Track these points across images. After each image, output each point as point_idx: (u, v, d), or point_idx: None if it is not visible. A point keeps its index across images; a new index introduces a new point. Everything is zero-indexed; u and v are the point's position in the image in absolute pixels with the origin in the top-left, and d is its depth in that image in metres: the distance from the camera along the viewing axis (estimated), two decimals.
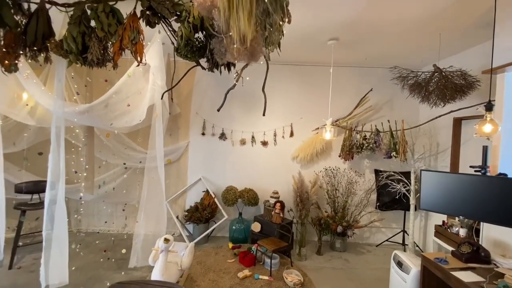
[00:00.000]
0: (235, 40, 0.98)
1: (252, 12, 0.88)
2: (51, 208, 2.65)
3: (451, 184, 2.14)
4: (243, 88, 3.39)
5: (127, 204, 3.95)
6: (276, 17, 1.04)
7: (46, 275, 2.54)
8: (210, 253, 3.59)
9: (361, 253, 3.84)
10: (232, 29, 0.92)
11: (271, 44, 1.27)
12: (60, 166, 2.70)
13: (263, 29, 1.18)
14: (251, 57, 1.65)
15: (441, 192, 2.18)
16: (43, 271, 2.52)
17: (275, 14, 1.02)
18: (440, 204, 2.18)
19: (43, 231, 2.59)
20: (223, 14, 0.90)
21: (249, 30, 0.91)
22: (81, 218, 4.07)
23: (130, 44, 2.18)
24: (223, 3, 0.88)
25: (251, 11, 0.88)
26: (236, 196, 3.84)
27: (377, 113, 4.13)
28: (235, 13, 0.87)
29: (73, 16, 2.20)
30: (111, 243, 3.71)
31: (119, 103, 3.06)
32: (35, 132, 3.55)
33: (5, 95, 3.03)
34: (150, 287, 1.53)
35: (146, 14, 2.20)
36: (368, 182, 4.08)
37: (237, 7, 0.86)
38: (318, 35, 2.98)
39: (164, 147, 3.70)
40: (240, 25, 0.88)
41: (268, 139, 4.16)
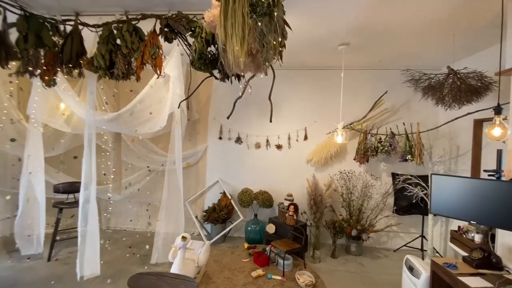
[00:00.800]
0: (231, 62, 1.12)
1: (244, 38, 1.01)
2: (85, 207, 2.95)
3: (463, 188, 2.11)
4: (257, 93, 3.53)
5: (150, 204, 4.24)
6: (270, 38, 1.16)
7: (81, 267, 2.84)
8: (226, 252, 3.75)
9: (377, 258, 3.79)
10: (228, 52, 1.06)
11: (267, 61, 1.39)
12: (92, 169, 3.00)
13: (262, 47, 1.31)
14: (256, 69, 1.79)
15: (452, 197, 2.15)
16: (78, 263, 2.82)
17: (269, 35, 1.15)
18: (451, 208, 2.15)
19: (78, 227, 2.88)
20: (220, 39, 1.04)
21: (241, 53, 1.04)
22: (110, 216, 4.43)
23: (151, 59, 2.42)
24: (220, 31, 1.02)
25: (244, 37, 1.01)
26: (251, 198, 3.98)
27: (393, 115, 4.07)
28: (230, 38, 1.01)
29: (102, 36, 2.47)
30: (136, 240, 4.01)
31: (143, 111, 3.33)
32: (70, 138, 3.95)
33: (46, 106, 3.42)
34: (166, 278, 1.71)
35: (164, 31, 2.41)
36: (385, 186, 4.02)
37: (231, 34, 1.00)
38: (328, 41, 3.05)
39: (184, 151, 3.95)
40: (234, 49, 1.02)
41: (282, 142, 4.25)
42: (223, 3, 1.02)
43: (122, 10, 2.50)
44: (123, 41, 2.43)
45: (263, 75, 1.58)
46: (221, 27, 1.02)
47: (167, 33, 2.41)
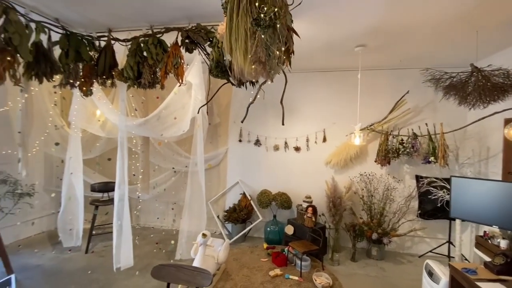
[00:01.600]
0: (236, 72, 1.24)
1: (247, 50, 1.12)
2: (119, 204, 3.24)
3: (484, 191, 2.03)
4: (275, 97, 3.60)
5: (175, 203, 4.50)
6: (273, 48, 1.26)
7: (116, 259, 3.13)
8: (246, 252, 3.87)
9: (400, 263, 3.68)
10: (233, 63, 1.18)
11: (272, 69, 1.49)
12: (124, 170, 3.29)
13: (267, 56, 1.42)
14: (267, 75, 1.90)
15: (473, 200, 2.08)
16: (114, 256, 3.11)
17: (272, 46, 1.25)
18: (472, 212, 2.08)
19: (114, 223, 3.17)
20: (227, 52, 1.16)
21: (245, 65, 1.15)
22: (139, 214, 4.77)
23: (173, 69, 2.62)
24: (226, 44, 1.14)
25: (246, 49, 1.12)
26: (270, 199, 4.07)
27: (417, 115, 3.93)
28: (234, 52, 1.12)
29: (131, 49, 2.73)
30: (163, 237, 4.28)
31: (168, 116, 3.57)
32: (105, 142, 4.34)
33: (84, 113, 3.81)
34: (184, 270, 1.86)
35: (185, 42, 2.61)
36: (408, 189, 3.90)
37: (235, 48, 1.11)
38: (344, 43, 3.06)
39: (206, 153, 4.16)
40: (238, 61, 1.13)
41: (301, 144, 4.30)
42: (228, 19, 1.15)
43: (148, 24, 2.75)
44: (149, 53, 2.67)
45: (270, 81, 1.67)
46: (226, 41, 1.14)
47: (188, 44, 2.60)
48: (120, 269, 3.12)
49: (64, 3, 2.38)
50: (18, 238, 4.03)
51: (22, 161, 3.75)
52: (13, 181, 3.76)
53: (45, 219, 4.39)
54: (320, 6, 2.24)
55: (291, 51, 1.82)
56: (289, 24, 1.77)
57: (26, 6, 2.37)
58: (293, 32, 1.79)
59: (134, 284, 3.01)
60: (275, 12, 1.15)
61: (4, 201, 3.67)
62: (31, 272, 3.20)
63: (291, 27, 1.79)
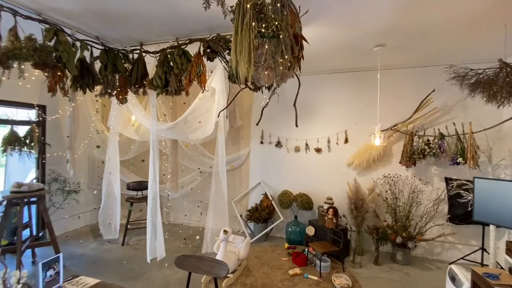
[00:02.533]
0: (241, 80, 1.37)
1: (250, 61, 1.25)
2: (152, 202, 3.56)
3: (510, 193, 1.93)
4: (297, 99, 3.71)
5: (201, 202, 4.76)
6: (277, 57, 1.38)
7: (151, 251, 3.44)
8: (267, 250, 3.98)
9: (427, 269, 3.52)
10: (239, 73, 1.31)
11: (278, 76, 1.60)
12: (156, 170, 3.61)
13: (274, 63, 1.54)
14: (280, 80, 2.02)
15: (498, 202, 1.98)
16: (148, 248, 3.42)
17: (276, 55, 1.36)
18: (497, 215, 1.98)
19: (148, 218, 3.49)
20: (234, 63, 1.30)
21: (248, 74, 1.28)
22: (169, 211, 5.12)
23: (196, 77, 2.84)
24: (232, 56, 1.28)
25: (250, 61, 1.25)
26: (291, 200, 4.14)
27: (446, 114, 3.74)
28: (239, 63, 1.26)
29: (159, 60, 3.01)
30: (190, 233, 4.55)
31: (194, 120, 3.83)
32: (139, 144, 4.75)
33: (121, 119, 4.22)
34: (204, 261, 2.03)
35: (207, 52, 2.82)
36: (436, 191, 3.72)
37: (239, 59, 1.25)
38: (362, 43, 3.06)
39: (228, 155, 4.37)
40: (242, 71, 1.26)
41: (322, 146, 4.31)
42: (234, 34, 1.29)
43: (174, 37, 3.01)
44: (174, 63, 2.93)
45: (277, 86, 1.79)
46: (232, 53, 1.28)
47: (209, 54, 2.81)
48: (156, 260, 3.42)
49: (103, 23, 2.72)
50: (67, 230, 4.56)
51: (70, 162, 4.26)
52: (63, 179, 4.29)
53: (88, 213, 4.92)
54: (335, 9, 2.28)
55: (300, 56, 1.92)
56: (298, 32, 1.88)
57: (72, 27, 2.76)
58: (302, 38, 1.89)
59: (163, 274, 3.28)
60: (276, 25, 1.27)
61: (55, 197, 4.21)
62: (76, 259, 3.63)
63: (300, 34, 1.90)
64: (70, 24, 2.72)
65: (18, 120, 4.00)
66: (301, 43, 1.93)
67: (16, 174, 4.11)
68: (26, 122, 4.03)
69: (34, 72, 2.77)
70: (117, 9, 2.41)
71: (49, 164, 4.22)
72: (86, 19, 2.63)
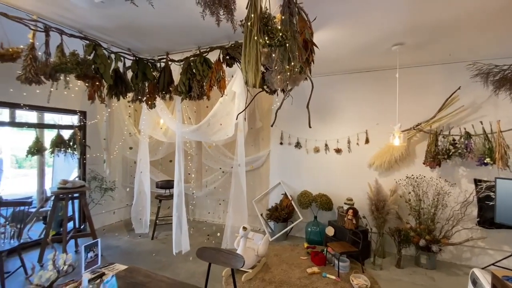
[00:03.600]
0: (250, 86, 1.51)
1: (258, 70, 1.38)
2: (177, 199, 3.83)
3: None
4: (316, 99, 3.78)
5: (224, 200, 4.98)
6: (285, 64, 1.50)
7: (177, 245, 3.71)
8: (286, 249, 4.07)
9: (454, 274, 3.38)
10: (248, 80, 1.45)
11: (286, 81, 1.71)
12: (181, 170, 3.87)
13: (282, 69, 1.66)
14: (293, 83, 2.14)
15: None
16: (174, 242, 3.69)
17: (284, 62, 1.48)
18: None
19: (173, 214, 3.77)
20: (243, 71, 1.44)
21: (256, 81, 1.40)
22: (194, 209, 5.40)
23: (216, 82, 3.04)
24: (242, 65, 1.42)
25: (257, 70, 1.37)
26: (310, 200, 4.18)
27: (474, 112, 3.56)
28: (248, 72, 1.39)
29: (183, 68, 3.25)
30: (213, 230, 4.78)
31: (215, 123, 4.05)
32: (166, 146, 5.08)
33: (150, 122, 4.57)
34: (222, 253, 2.19)
35: (226, 59, 3.00)
36: (464, 194, 3.55)
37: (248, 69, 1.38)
38: (379, 43, 3.04)
39: (248, 156, 4.53)
40: (250, 79, 1.39)
41: (342, 146, 4.30)
42: (243, 46, 1.42)
43: (196, 46, 3.24)
44: (197, 70, 3.15)
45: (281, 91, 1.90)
46: (242, 63, 1.42)
47: (228, 60, 3.00)
48: (181, 253, 3.68)
49: (134, 36, 3.02)
50: (103, 224, 5.02)
51: (107, 162, 4.69)
52: (100, 178, 4.75)
53: (122, 209, 5.36)
54: (349, 12, 2.32)
55: (311, 60, 2.02)
56: (308, 37, 1.98)
57: (107, 42, 3.09)
58: (312, 44, 1.98)
59: (188, 267, 3.51)
60: (281, 35, 1.38)
61: (94, 194, 4.67)
62: (112, 251, 4.00)
63: (310, 40, 1.99)
64: (106, 39, 3.05)
65: (63, 125, 4.51)
66: (312, 48, 2.02)
67: (61, 173, 4.64)
68: (70, 127, 4.53)
69: (77, 82, 3.16)
70: (145, 24, 2.67)
71: (89, 164, 4.69)
72: (119, 34, 2.94)
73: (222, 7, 1.30)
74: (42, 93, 3.42)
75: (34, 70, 2.40)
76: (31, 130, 4.22)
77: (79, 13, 2.46)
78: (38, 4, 2.32)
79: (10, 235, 3.27)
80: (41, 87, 2.62)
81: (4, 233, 3.25)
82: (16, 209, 3.51)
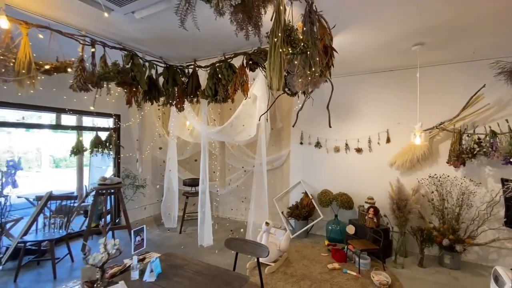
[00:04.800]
0: (274, 90, 1.68)
1: (281, 76, 1.55)
2: (202, 196, 4.09)
3: None
4: (336, 99, 3.91)
5: (246, 198, 5.19)
6: (306, 70, 1.66)
7: (201, 238, 3.97)
8: (307, 246, 4.19)
9: (479, 275, 3.33)
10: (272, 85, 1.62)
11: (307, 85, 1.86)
12: (206, 168, 4.13)
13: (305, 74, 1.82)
14: (313, 86, 2.29)
15: None
16: (199, 236, 3.95)
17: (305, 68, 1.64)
18: None
19: (199, 210, 4.03)
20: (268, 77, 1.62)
21: (279, 86, 1.57)
22: (218, 206, 5.66)
23: (240, 86, 3.25)
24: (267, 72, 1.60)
25: (281, 75, 1.54)
26: (330, 199, 4.28)
27: (502, 110, 3.48)
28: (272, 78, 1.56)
29: (209, 73, 3.50)
30: (236, 226, 5.01)
31: (238, 124, 4.26)
32: (193, 146, 5.39)
33: (178, 124, 4.88)
34: (248, 243, 2.39)
35: (249, 64, 3.20)
36: (491, 193, 3.49)
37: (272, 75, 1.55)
38: (399, 44, 3.10)
39: (269, 155, 4.70)
40: (274, 84, 1.57)
41: (362, 146, 4.35)
42: (268, 55, 1.60)
43: (221, 52, 3.47)
44: (222, 75, 3.38)
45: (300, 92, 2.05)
46: (267, 70, 1.60)
47: (251, 65, 3.19)
48: (203, 246, 3.93)
49: (166, 46, 3.31)
50: (136, 218, 5.41)
51: (139, 161, 5.08)
52: (133, 176, 5.13)
53: (152, 205, 5.75)
54: (367, 15, 2.42)
55: (331, 64, 2.17)
56: (328, 43, 2.12)
57: (142, 51, 3.41)
58: (332, 49, 2.13)
59: (213, 259, 3.75)
60: (303, 45, 1.55)
61: (127, 191, 5.06)
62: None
63: (330, 45, 2.14)
64: (141, 48, 3.37)
65: (100, 127, 4.95)
66: (331, 52, 2.17)
67: (98, 171, 5.10)
68: (106, 129, 4.96)
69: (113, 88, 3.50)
70: (176, 35, 2.94)
71: (123, 163, 5.10)
72: (153, 44, 3.25)
73: (251, 24, 1.48)
74: (82, 99, 3.81)
75: (83, 79, 2.74)
76: (67, 133, 4.69)
77: (121, 27, 2.77)
78: (86, 21, 2.66)
79: (59, 226, 3.69)
80: (78, 94, 2.94)
81: (54, 224, 3.68)
82: (61, 202, 3.93)
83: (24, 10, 2.41)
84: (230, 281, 1.79)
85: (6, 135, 6.54)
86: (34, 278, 3.27)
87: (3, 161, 5.36)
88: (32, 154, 8.32)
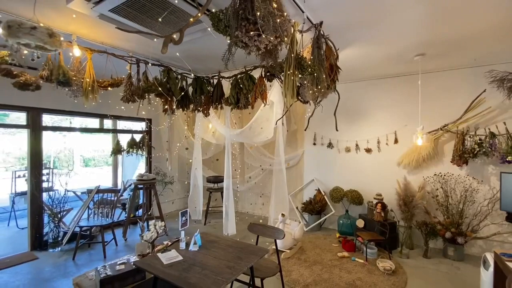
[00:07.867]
0: (288, 104, 2.13)
1: (294, 92, 2.00)
2: (227, 191, 4.61)
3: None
4: (346, 104, 4.30)
5: (263, 194, 5.66)
6: (313, 87, 2.10)
7: (225, 228, 4.49)
8: (320, 237, 4.60)
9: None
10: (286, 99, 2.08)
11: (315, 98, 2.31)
12: (229, 167, 4.65)
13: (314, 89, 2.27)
14: (322, 96, 2.73)
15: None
16: (224, 225, 4.48)
17: (313, 85, 2.09)
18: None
19: (223, 204, 4.56)
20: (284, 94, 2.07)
21: (293, 99, 2.02)
22: (238, 201, 6.18)
23: (260, 94, 3.73)
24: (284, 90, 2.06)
25: (293, 93, 1.99)
26: (341, 195, 4.66)
27: (503, 113, 3.73)
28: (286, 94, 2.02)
29: (232, 83, 4.00)
30: (254, 219, 5.49)
31: (257, 127, 4.75)
32: (215, 147, 5.94)
33: (202, 127, 5.45)
34: (267, 228, 2.86)
35: (267, 75, 3.68)
36: (493, 190, 3.74)
37: (286, 93, 2.01)
38: (401, 55, 3.45)
39: (285, 155, 5.14)
40: (287, 99, 2.02)
41: (372, 146, 4.69)
42: (284, 75, 2.06)
43: (243, 66, 3.97)
44: (243, 85, 3.88)
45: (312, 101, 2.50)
46: (283, 88, 2.06)
47: (268, 76, 3.67)
48: (228, 235, 4.45)
49: (194, 61, 3.86)
50: (165, 212, 6.02)
51: (168, 160, 5.69)
52: (163, 173, 5.76)
53: (180, 200, 6.37)
54: (372, 32, 2.77)
55: (336, 79, 2.60)
56: (333, 62, 2.56)
57: (175, 66, 3.98)
58: (336, 67, 2.56)
59: None
60: (310, 70, 1.99)
61: (157, 186, 5.69)
62: (174, 232, 4.93)
63: (335, 64, 2.57)
64: (175, 64, 3.95)
65: (135, 130, 5.62)
66: (336, 70, 2.60)
67: (130, 169, 5.78)
68: (139, 132, 5.61)
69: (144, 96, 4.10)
70: (205, 53, 3.48)
71: (154, 162, 5.74)
72: (185, 60, 3.80)
73: (271, 58, 1.95)
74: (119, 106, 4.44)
75: (131, 92, 3.33)
76: (92, 134, 5.35)
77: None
78: (134, 45, 3.24)
79: (106, 215, 4.35)
80: (117, 102, 3.53)
81: (102, 213, 4.34)
82: (103, 195, 4.59)
83: (86, 39, 3.03)
84: (255, 251, 2.28)
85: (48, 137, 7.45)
86: (88, 258, 3.93)
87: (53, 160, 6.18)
88: (64, 154, 9.23)
